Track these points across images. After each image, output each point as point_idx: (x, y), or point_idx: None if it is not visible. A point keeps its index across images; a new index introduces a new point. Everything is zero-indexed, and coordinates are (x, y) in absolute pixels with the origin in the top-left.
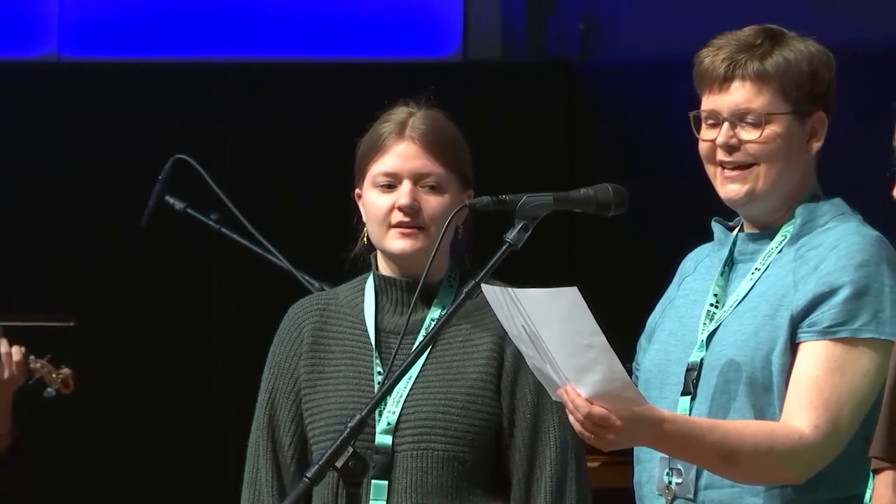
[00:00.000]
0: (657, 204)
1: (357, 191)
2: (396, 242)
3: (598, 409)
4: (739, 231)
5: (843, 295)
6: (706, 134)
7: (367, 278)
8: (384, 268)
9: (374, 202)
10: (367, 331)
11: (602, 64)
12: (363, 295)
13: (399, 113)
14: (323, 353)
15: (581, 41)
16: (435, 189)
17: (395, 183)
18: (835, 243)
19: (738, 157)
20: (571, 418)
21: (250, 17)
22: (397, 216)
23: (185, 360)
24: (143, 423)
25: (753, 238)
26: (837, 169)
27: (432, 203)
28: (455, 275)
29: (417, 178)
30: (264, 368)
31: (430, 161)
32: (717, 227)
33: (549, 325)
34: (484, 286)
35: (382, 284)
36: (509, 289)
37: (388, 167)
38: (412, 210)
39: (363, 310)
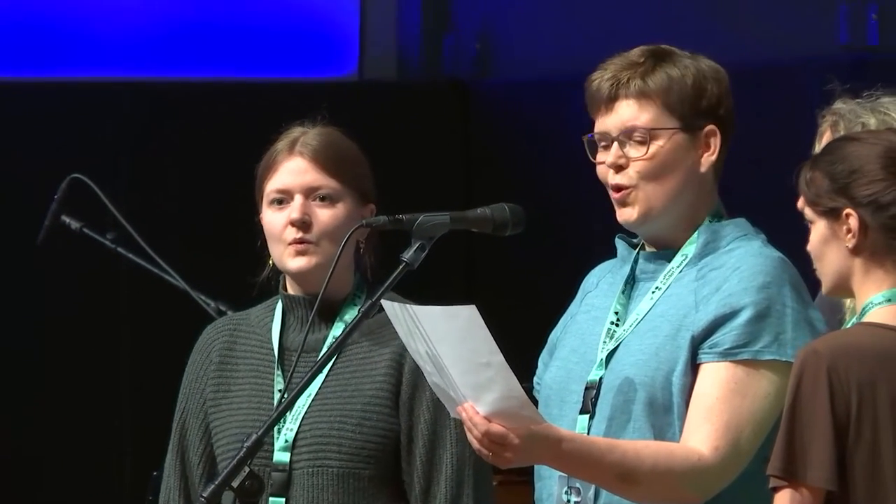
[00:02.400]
0: (555, 222)
1: (259, 214)
2: (293, 261)
3: (495, 427)
4: (641, 249)
5: (744, 317)
6: (600, 157)
7: (279, 298)
8: (291, 287)
9: (269, 221)
10: (272, 349)
11: (498, 83)
12: (273, 314)
13: (293, 132)
14: (230, 372)
15: (476, 61)
16: (327, 201)
17: (287, 199)
18: (737, 264)
19: (626, 175)
20: (469, 436)
21: (148, 37)
22: (290, 232)
23: (81, 378)
24: (40, 441)
25: (654, 257)
26: (740, 183)
27: (324, 216)
28: (361, 292)
29: (308, 192)
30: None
31: (320, 174)
32: (620, 244)
33: (448, 342)
34: (384, 302)
35: (289, 303)
36: (408, 305)
37: (279, 184)
38: (303, 224)
39: (271, 329)
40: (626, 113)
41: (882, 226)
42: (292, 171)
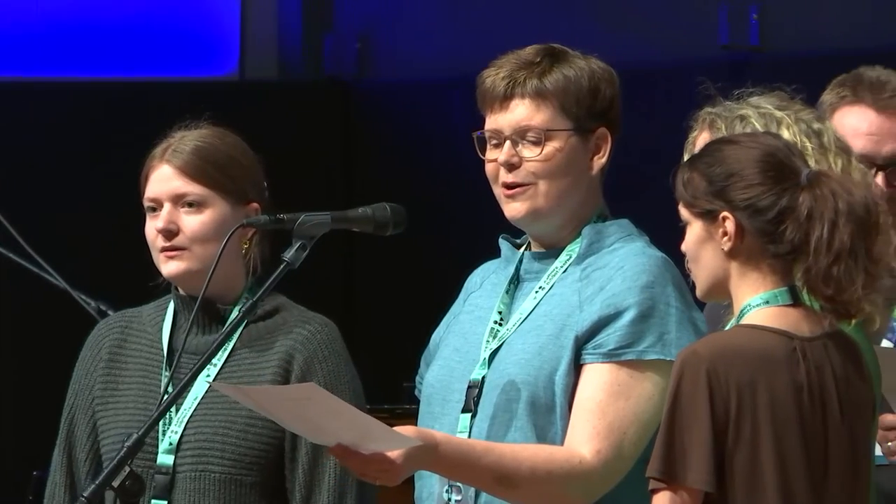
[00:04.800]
0: (436, 222)
1: None
2: (164, 267)
3: (373, 455)
4: (526, 249)
5: (628, 317)
6: (490, 154)
7: (171, 298)
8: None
9: (146, 229)
10: (161, 349)
11: (378, 83)
12: (165, 313)
13: (170, 138)
14: (119, 369)
15: (358, 60)
16: (194, 207)
17: (158, 207)
18: (621, 264)
19: (519, 175)
20: (351, 469)
21: (25, 36)
22: (160, 240)
23: None
24: None
25: (539, 257)
26: (626, 184)
27: (191, 222)
28: (253, 295)
29: (175, 200)
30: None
31: (185, 181)
32: (504, 244)
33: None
34: (222, 387)
35: (180, 304)
36: (249, 388)
37: (150, 192)
38: (168, 232)
39: (162, 328)
40: (521, 112)
41: (758, 230)
42: (160, 179)
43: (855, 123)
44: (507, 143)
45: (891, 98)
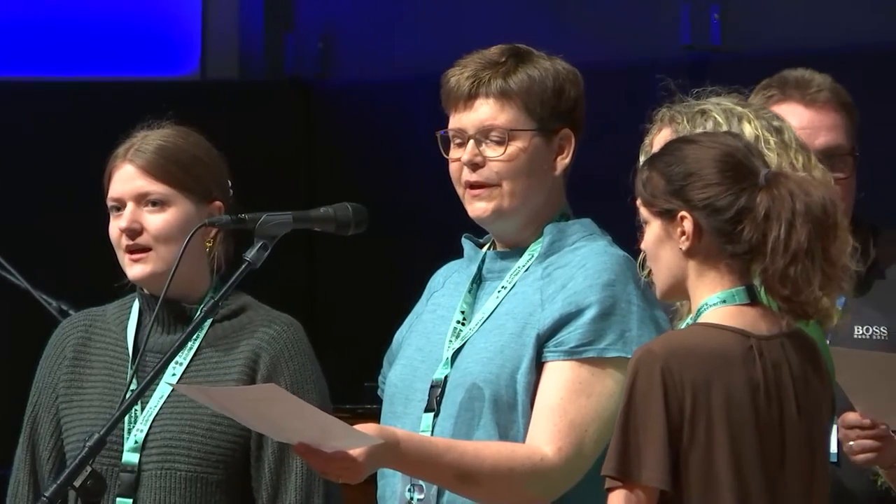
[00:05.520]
0: (400, 221)
1: None
2: (129, 270)
3: (335, 454)
4: (489, 249)
5: (589, 315)
6: (454, 153)
7: (136, 296)
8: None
9: (110, 229)
10: (126, 348)
11: (340, 83)
12: (129, 312)
13: (132, 138)
14: (83, 368)
15: (319, 60)
16: (157, 206)
17: (122, 207)
18: (582, 262)
19: (483, 174)
20: (314, 467)
21: None
22: (124, 240)
23: None
24: None
25: (502, 256)
26: (588, 185)
27: (154, 221)
28: (217, 293)
29: (138, 199)
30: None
31: (148, 180)
32: (466, 244)
33: (278, 417)
34: (185, 388)
35: (144, 303)
36: (210, 388)
37: (113, 192)
38: (132, 232)
39: (126, 327)
40: (485, 112)
41: (716, 229)
42: (123, 178)
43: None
44: (471, 142)
45: (817, 93)
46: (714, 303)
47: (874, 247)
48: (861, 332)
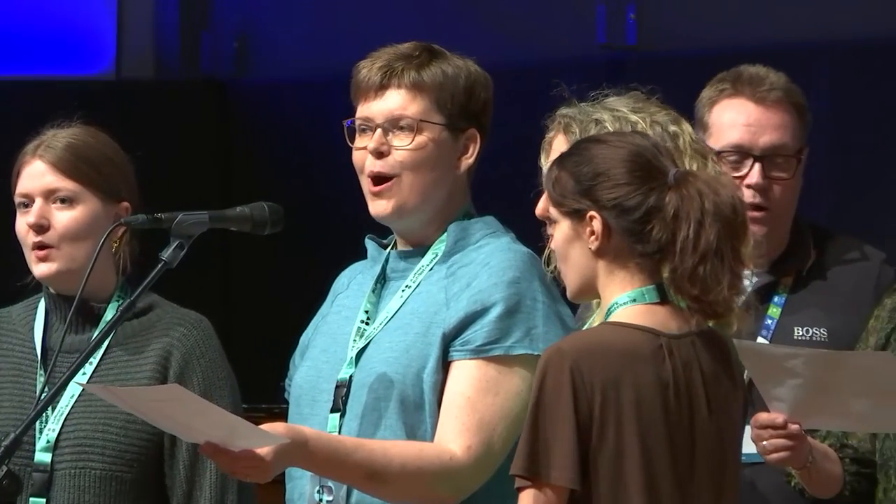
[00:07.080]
0: (315, 221)
1: None
2: (36, 268)
3: (242, 452)
4: (393, 248)
5: (495, 313)
6: (359, 142)
7: (41, 297)
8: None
9: (17, 226)
10: (34, 348)
11: (256, 82)
12: (35, 313)
13: (42, 135)
14: None
15: (235, 59)
16: (66, 203)
17: (30, 203)
18: (486, 260)
19: (387, 163)
20: (222, 467)
21: None
22: (31, 236)
23: None
24: None
25: (405, 255)
26: (494, 184)
27: (62, 218)
28: (124, 293)
29: (47, 195)
30: None
31: (58, 177)
32: (370, 244)
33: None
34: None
35: (51, 303)
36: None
37: (21, 188)
38: (39, 227)
39: (34, 327)
40: (395, 101)
41: (625, 229)
42: (32, 175)
43: (734, 115)
44: (378, 130)
45: (769, 91)
46: (624, 302)
47: (814, 248)
48: (801, 333)
